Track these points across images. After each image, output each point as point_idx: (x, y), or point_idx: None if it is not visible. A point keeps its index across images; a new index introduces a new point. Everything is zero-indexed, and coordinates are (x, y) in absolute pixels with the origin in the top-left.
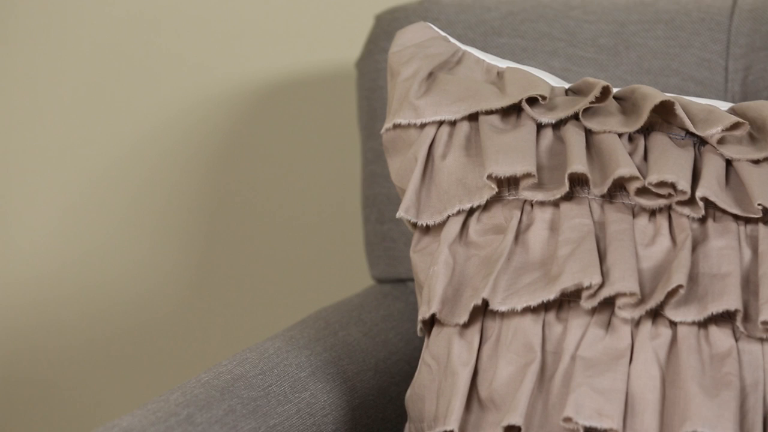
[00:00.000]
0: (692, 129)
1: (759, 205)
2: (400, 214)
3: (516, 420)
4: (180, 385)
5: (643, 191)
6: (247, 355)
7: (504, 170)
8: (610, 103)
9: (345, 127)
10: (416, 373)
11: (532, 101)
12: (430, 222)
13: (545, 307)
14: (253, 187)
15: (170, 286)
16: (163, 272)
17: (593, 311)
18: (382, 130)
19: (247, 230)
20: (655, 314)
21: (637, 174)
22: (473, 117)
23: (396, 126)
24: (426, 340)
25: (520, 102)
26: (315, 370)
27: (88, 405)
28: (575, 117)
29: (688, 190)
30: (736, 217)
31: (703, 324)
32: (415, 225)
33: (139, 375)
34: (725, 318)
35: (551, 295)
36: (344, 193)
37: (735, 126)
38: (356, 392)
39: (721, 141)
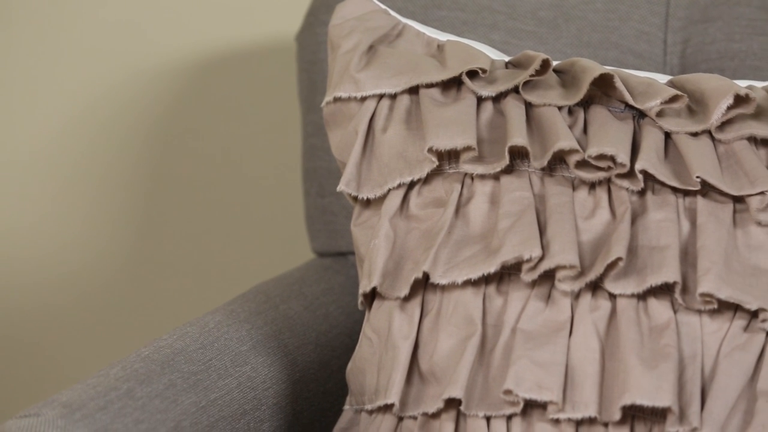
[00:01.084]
0: (631, 102)
1: (697, 177)
2: (341, 187)
3: (456, 393)
4: (120, 360)
5: (582, 164)
6: (188, 329)
7: (444, 143)
8: (550, 77)
9: (285, 100)
10: (357, 347)
11: (473, 74)
12: (371, 195)
13: (486, 280)
14: (192, 160)
15: (109, 259)
16: (102, 246)
17: (533, 284)
18: (323, 104)
19: (187, 204)
20: (595, 287)
21: (577, 147)
22: (414, 90)
23: (336, 99)
24: (367, 313)
25: (461, 75)
26: (256, 344)
27: (25, 382)
28: (515, 90)
29: (628, 162)
30: (674, 190)
31: (642, 296)
32: (355, 198)
33: (78, 350)
34: (664, 290)
35: (492, 268)
36: (284, 167)
37: (674, 99)
38: (297, 366)
39: (660, 114)
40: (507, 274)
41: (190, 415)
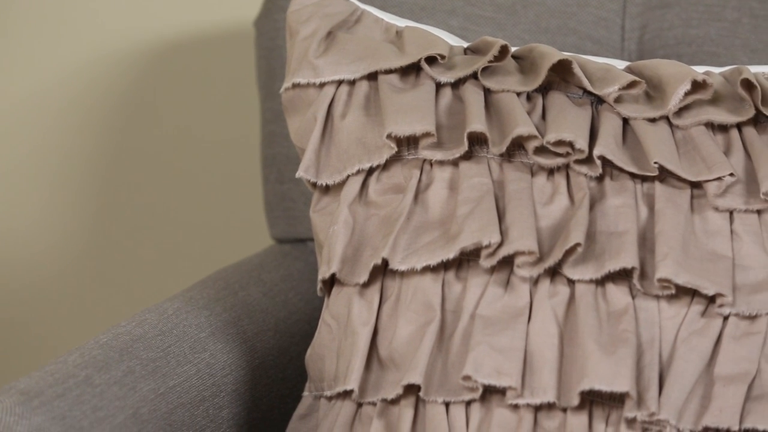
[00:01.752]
0: (589, 88)
1: (655, 163)
2: (300, 174)
3: (416, 379)
4: (78, 347)
5: (541, 150)
6: (146, 316)
7: (403, 129)
8: (509, 63)
9: (243, 86)
10: (316, 333)
11: (431, 60)
12: (330, 182)
13: (445, 266)
14: (151, 147)
15: (66, 246)
16: (59, 232)
17: (492, 270)
18: (281, 90)
19: (145, 191)
20: (554, 272)
21: (536, 133)
22: (372, 76)
23: (295, 85)
24: (326, 299)
25: (419, 61)
26: (215, 330)
27: None
28: (474, 76)
29: (586, 148)
30: (632, 176)
31: (601, 282)
32: (314, 185)
33: (36, 337)
34: (622, 276)
35: (450, 254)
36: (243, 153)
37: (631, 85)
38: (256, 352)
39: (618, 100)
40: (466, 260)
41: (149, 402)
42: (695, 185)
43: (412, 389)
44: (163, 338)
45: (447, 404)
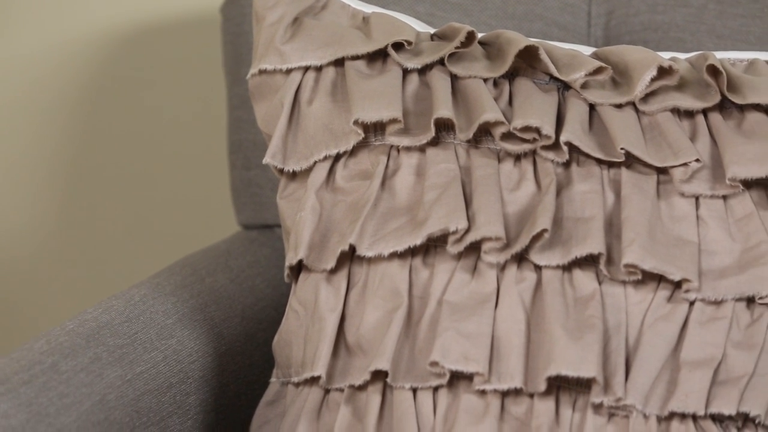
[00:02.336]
0: (556, 74)
1: (622, 149)
2: (267, 160)
3: (383, 365)
4: (44, 333)
5: (508, 136)
6: (113, 303)
7: (370, 116)
8: (475, 48)
9: (210, 72)
10: (283, 319)
11: (398, 46)
12: (297, 168)
13: (412, 252)
14: (118, 132)
15: (32, 232)
16: (25, 219)
17: (459, 256)
18: (248, 76)
19: (113, 176)
20: (521, 258)
21: (502, 119)
22: (339, 62)
23: (262, 72)
24: (293, 286)
25: (386, 47)
26: (182, 317)
27: None
28: (441, 62)
29: (553, 134)
30: (599, 162)
31: (568, 267)
32: (281, 171)
33: (0, 324)
34: (589, 261)
35: (418, 240)
36: (210, 139)
37: (598, 71)
38: (223, 339)
39: (585, 86)
40: (433, 246)
41: (116, 388)
42: (661, 171)
43: (379, 375)
44: (129, 325)
45: (414, 390)
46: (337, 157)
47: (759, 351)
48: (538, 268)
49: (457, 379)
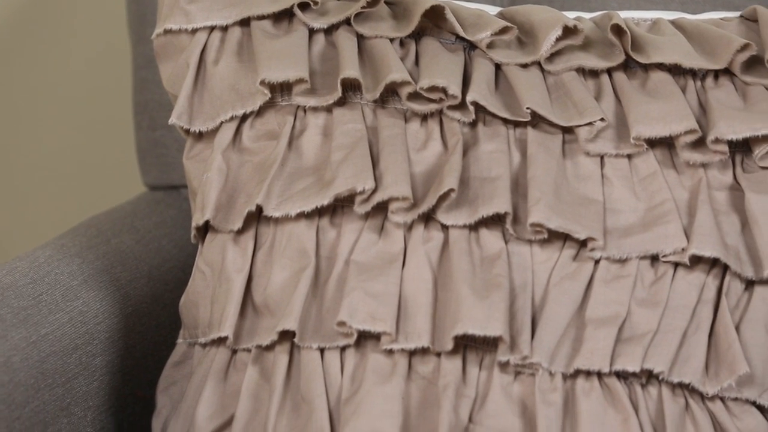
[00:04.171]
0: (462, 33)
1: (527, 108)
2: (173, 120)
3: (290, 325)
4: None
5: (414, 96)
6: (17, 264)
7: (276, 75)
8: (382, 8)
9: (114, 32)
10: (190, 280)
11: (304, 6)
12: (203, 128)
13: (319, 212)
14: (20, 93)
15: None
16: None
17: (366, 216)
18: (153, 36)
19: (17, 137)
20: (428, 218)
21: (409, 79)
22: (245, 22)
23: (167, 31)
24: (200, 247)
25: (292, 7)
26: (87, 278)
27: None
28: (347, 22)
29: (459, 94)
30: (505, 121)
31: (474, 227)
32: (187, 131)
33: None
34: (495, 221)
35: (325, 200)
36: (115, 100)
37: (503, 30)
38: (129, 300)
39: (491, 45)
40: (340, 206)
41: (21, 350)
42: (567, 130)
43: (286, 335)
44: (34, 286)
45: (322, 350)
46: (244, 118)
47: (663, 308)
48: (445, 228)
49: (364, 338)
